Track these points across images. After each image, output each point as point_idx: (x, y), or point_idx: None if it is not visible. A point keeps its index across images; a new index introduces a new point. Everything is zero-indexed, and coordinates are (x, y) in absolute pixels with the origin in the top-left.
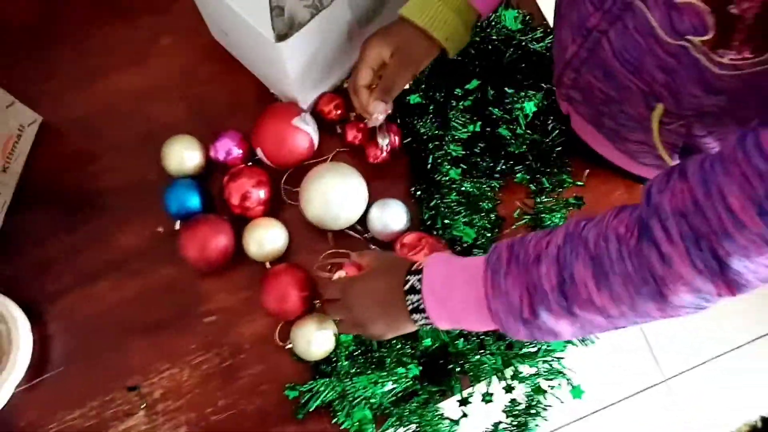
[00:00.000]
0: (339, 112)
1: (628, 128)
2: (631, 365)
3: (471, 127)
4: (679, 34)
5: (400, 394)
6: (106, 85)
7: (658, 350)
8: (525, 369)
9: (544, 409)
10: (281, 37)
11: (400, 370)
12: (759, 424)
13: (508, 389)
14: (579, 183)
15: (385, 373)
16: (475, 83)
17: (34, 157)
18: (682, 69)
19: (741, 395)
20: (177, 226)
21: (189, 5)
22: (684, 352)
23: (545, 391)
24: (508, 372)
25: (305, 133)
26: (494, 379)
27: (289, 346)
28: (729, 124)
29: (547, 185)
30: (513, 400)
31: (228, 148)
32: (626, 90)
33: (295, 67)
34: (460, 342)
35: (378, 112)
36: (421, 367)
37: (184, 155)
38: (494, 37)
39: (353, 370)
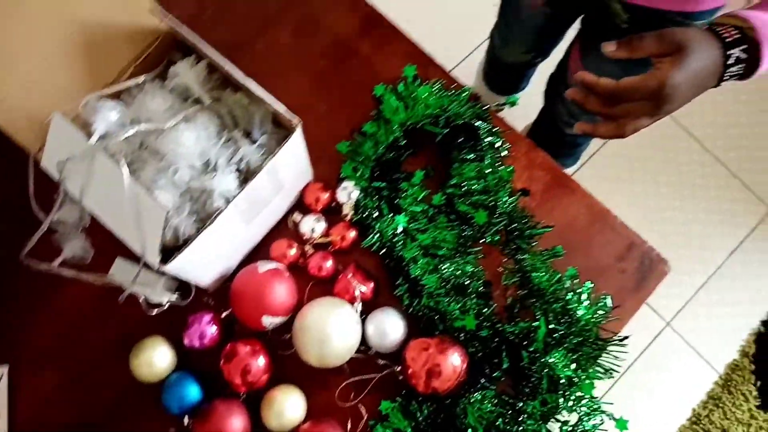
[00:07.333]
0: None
1: None
2: (632, 323)
3: (438, 200)
4: None
5: None
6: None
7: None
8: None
9: None
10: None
11: None
12: (762, 329)
13: None
14: (547, 228)
15: None
16: (420, 174)
17: (15, 404)
18: None
19: (737, 310)
20: (186, 421)
21: None
22: (674, 292)
23: None
24: (554, 427)
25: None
26: None
27: None
28: None
29: (523, 245)
30: None
31: (201, 332)
32: None
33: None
34: (500, 422)
35: None
36: None
37: (152, 360)
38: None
39: None
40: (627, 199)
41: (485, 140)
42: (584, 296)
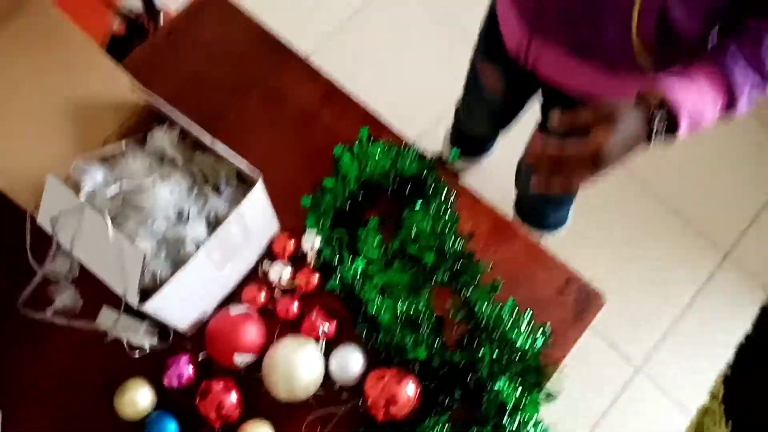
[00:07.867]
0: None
1: (606, 34)
2: (602, 371)
3: (393, 245)
4: None
5: None
6: (44, 360)
7: (621, 344)
8: None
9: None
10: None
11: None
12: (728, 372)
13: None
14: (488, 266)
15: None
16: (375, 220)
17: None
18: None
19: (703, 354)
20: None
21: None
22: (642, 338)
23: None
24: None
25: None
26: None
27: None
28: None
29: (467, 281)
30: None
31: (179, 372)
32: None
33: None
34: None
35: None
36: None
37: (135, 399)
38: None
39: None
40: (591, 252)
41: (431, 190)
42: (523, 325)
